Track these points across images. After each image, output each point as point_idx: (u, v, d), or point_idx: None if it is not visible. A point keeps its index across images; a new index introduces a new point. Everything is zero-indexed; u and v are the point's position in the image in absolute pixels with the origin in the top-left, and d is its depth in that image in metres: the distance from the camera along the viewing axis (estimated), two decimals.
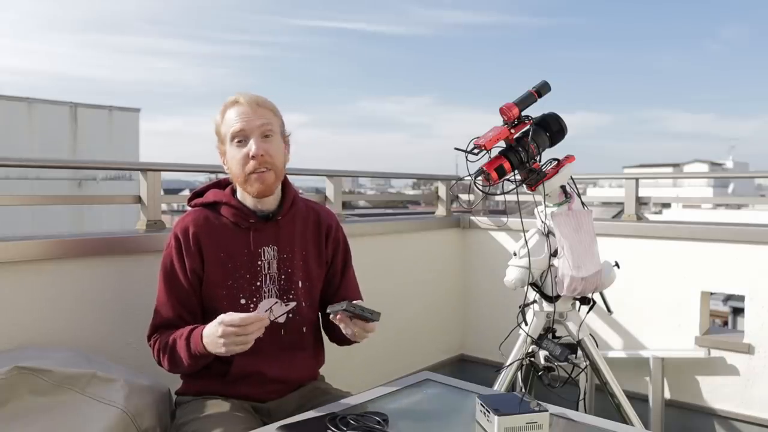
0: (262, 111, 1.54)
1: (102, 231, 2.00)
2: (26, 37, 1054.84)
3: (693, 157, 66.63)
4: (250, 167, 1.51)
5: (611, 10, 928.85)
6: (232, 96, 1.57)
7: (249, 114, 1.52)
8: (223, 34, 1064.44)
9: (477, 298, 3.34)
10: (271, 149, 1.53)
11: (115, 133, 12.78)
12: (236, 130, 1.51)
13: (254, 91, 1.58)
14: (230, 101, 1.56)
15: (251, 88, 39.45)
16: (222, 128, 1.56)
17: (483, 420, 1.25)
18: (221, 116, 1.56)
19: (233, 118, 1.53)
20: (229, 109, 1.55)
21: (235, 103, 1.54)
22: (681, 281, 2.67)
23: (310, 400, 1.58)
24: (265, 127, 1.52)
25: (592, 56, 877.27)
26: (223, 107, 1.57)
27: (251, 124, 1.51)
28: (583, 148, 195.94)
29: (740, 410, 2.54)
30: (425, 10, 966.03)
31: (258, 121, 1.52)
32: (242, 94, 1.55)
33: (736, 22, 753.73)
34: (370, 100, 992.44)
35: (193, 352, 1.42)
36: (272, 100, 1.59)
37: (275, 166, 1.53)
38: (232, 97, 1.56)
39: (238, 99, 1.54)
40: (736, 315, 13.43)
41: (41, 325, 1.70)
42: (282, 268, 1.59)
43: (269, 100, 1.58)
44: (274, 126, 1.55)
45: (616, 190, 14.13)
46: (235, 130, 1.51)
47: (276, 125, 1.56)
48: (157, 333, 1.55)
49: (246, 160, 1.51)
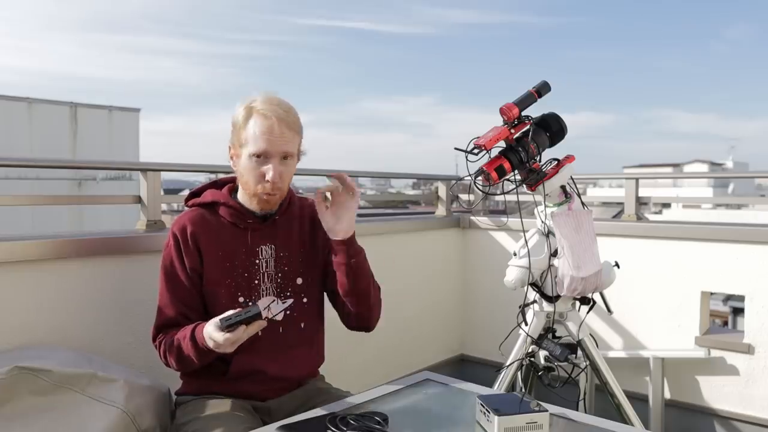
0: (289, 134, 1.49)
1: (102, 231, 2.00)
2: (26, 36, 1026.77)
3: (693, 157, 66.61)
4: (265, 189, 1.51)
5: (616, 9, 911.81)
6: (256, 95, 1.51)
7: (275, 135, 1.47)
8: (225, 34, 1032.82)
9: (477, 298, 3.34)
10: (286, 173, 1.52)
11: (115, 133, 12.77)
12: (259, 150, 1.47)
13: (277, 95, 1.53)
14: (259, 109, 1.48)
15: (252, 87, 38.80)
16: (242, 133, 1.50)
17: (483, 420, 1.25)
18: (245, 118, 1.50)
19: (257, 133, 1.47)
20: (257, 117, 1.48)
21: (264, 116, 1.47)
22: (681, 281, 2.67)
23: (310, 400, 1.58)
24: (287, 151, 1.50)
25: (596, 56, 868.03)
26: (249, 108, 1.50)
27: (275, 147, 1.48)
28: (583, 148, 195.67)
29: (740, 410, 2.54)
30: (429, 9, 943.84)
31: (282, 146, 1.49)
32: (271, 104, 1.49)
33: (741, 22, 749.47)
34: (371, 100, 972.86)
35: (200, 347, 1.41)
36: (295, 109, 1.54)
37: (283, 189, 1.55)
38: (259, 99, 1.50)
39: (267, 112, 1.47)
40: (736, 315, 13.43)
41: (41, 325, 1.70)
42: (279, 267, 1.60)
43: (295, 113, 1.53)
44: (295, 148, 1.53)
45: (616, 190, 14.13)
46: (258, 150, 1.47)
47: (297, 146, 1.54)
48: (162, 333, 1.54)
49: (261, 179, 1.50)
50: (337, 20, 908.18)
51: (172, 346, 1.49)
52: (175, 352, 1.48)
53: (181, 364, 1.50)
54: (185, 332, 1.46)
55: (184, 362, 1.48)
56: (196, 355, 1.43)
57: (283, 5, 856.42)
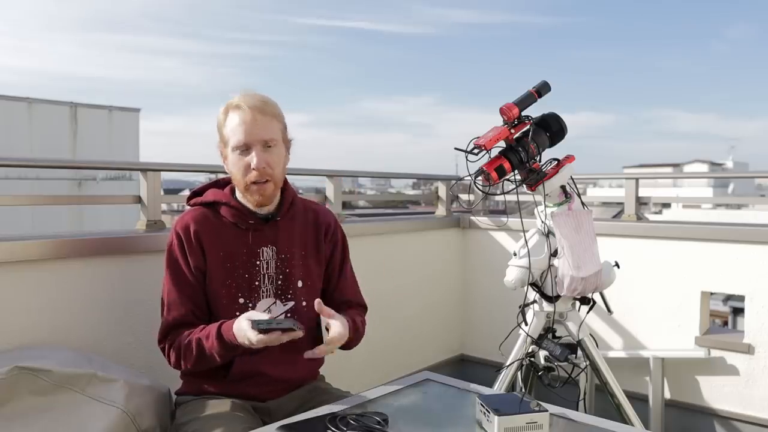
0: (265, 120, 1.51)
1: (102, 231, 2.00)
2: (26, 36, 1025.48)
3: (693, 157, 66.67)
4: (251, 177, 1.51)
5: (616, 9, 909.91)
6: (235, 95, 1.54)
7: (251, 124, 1.49)
8: (225, 33, 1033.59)
9: (477, 298, 3.34)
10: (272, 160, 1.53)
11: (115, 133, 12.77)
12: (238, 142, 1.50)
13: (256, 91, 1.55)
14: (233, 103, 1.53)
15: (253, 87, 39.32)
16: (224, 131, 1.54)
17: (483, 420, 1.25)
18: (224, 116, 1.54)
19: (235, 126, 1.50)
20: (232, 112, 1.52)
21: (238, 108, 1.51)
22: (681, 281, 2.67)
23: (310, 400, 1.58)
24: (267, 137, 1.51)
25: (596, 56, 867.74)
26: (226, 107, 1.54)
27: (253, 136, 1.50)
28: (583, 148, 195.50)
29: (740, 410, 2.54)
30: (429, 9, 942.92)
31: (260, 132, 1.50)
32: (245, 96, 1.52)
33: (742, 21, 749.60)
34: (371, 100, 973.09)
35: (227, 344, 1.42)
36: (274, 100, 1.56)
37: (274, 176, 1.54)
38: (236, 97, 1.53)
39: (240, 104, 1.51)
40: (736, 315, 13.43)
41: (41, 325, 1.70)
42: (280, 269, 1.59)
43: (272, 102, 1.55)
44: (276, 134, 1.54)
45: (616, 190, 14.12)
46: (237, 142, 1.50)
47: (278, 132, 1.55)
48: (171, 335, 1.53)
49: (247, 170, 1.51)
50: (337, 20, 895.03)
51: (190, 344, 1.48)
52: (194, 352, 1.47)
53: (199, 363, 1.49)
54: (207, 331, 1.46)
55: (202, 361, 1.48)
56: (221, 353, 1.43)
57: (283, 5, 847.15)
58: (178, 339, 1.51)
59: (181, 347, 1.50)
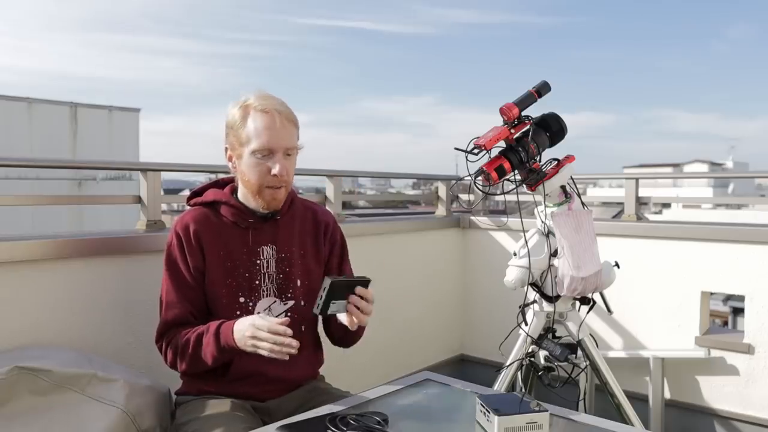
0: (289, 127, 1.52)
1: (102, 231, 2.00)
2: (26, 36, 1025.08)
3: (693, 157, 66.67)
4: (268, 182, 1.51)
5: (616, 9, 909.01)
6: (249, 94, 1.51)
7: (280, 130, 1.49)
8: (225, 33, 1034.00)
9: (477, 298, 3.34)
10: (290, 167, 1.54)
11: (115, 133, 12.77)
12: (263, 146, 1.48)
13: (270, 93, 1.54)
14: (256, 105, 1.49)
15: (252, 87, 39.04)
16: (242, 131, 1.50)
17: (483, 420, 1.25)
18: (242, 116, 1.50)
19: (260, 130, 1.48)
20: (256, 115, 1.49)
21: (264, 112, 1.48)
22: (681, 281, 2.67)
23: (310, 400, 1.58)
24: (290, 145, 1.52)
25: (596, 56, 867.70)
26: (245, 107, 1.50)
27: (279, 142, 1.49)
28: (583, 148, 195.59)
29: (740, 410, 2.54)
30: (429, 9, 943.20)
31: (286, 139, 1.50)
32: (269, 99, 1.51)
33: (742, 22, 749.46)
34: (372, 100, 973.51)
35: (222, 345, 1.42)
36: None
37: (289, 183, 1.57)
38: (252, 97, 1.51)
39: (267, 108, 1.49)
40: (736, 315, 13.43)
41: (41, 325, 1.70)
42: (280, 268, 1.60)
43: (291, 108, 1.55)
44: (296, 142, 1.54)
45: (616, 190, 14.12)
46: (261, 145, 1.48)
47: (296, 140, 1.55)
48: (168, 333, 1.54)
49: (266, 174, 1.50)
50: (337, 20, 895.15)
51: (187, 344, 1.48)
52: (190, 351, 1.47)
53: (193, 363, 1.49)
54: (205, 329, 1.46)
55: (197, 362, 1.48)
56: (215, 351, 1.44)
57: (283, 5, 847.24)
58: (175, 338, 1.52)
59: (178, 346, 1.50)
